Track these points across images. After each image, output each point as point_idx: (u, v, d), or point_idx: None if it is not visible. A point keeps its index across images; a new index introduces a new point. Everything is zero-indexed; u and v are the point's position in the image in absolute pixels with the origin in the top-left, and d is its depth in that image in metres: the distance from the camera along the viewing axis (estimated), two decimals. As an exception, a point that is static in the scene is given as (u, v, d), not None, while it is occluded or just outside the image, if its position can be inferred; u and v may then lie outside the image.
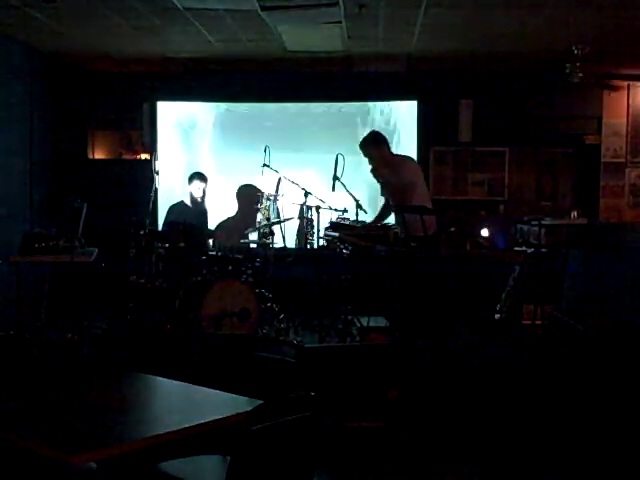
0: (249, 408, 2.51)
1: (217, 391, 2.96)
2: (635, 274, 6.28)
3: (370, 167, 6.63)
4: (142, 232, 6.60)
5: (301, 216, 7.45)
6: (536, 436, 4.56)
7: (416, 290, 6.19)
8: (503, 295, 7.15)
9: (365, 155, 6.56)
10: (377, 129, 7.16)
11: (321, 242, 7.01)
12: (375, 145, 6.52)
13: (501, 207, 8.89)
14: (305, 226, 7.36)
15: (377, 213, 6.86)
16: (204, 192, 7.63)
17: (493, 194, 8.95)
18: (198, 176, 7.61)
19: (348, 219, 6.82)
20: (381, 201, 6.94)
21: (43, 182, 8.24)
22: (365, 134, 6.74)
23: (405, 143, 8.64)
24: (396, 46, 7.62)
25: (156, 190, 6.97)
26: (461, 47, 7.56)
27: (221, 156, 8.89)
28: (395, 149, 7.19)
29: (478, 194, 8.95)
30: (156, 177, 6.88)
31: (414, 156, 8.49)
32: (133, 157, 9.06)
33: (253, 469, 2.44)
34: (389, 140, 6.72)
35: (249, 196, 7.68)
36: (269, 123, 8.84)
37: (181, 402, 3.00)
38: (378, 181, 6.70)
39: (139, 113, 8.90)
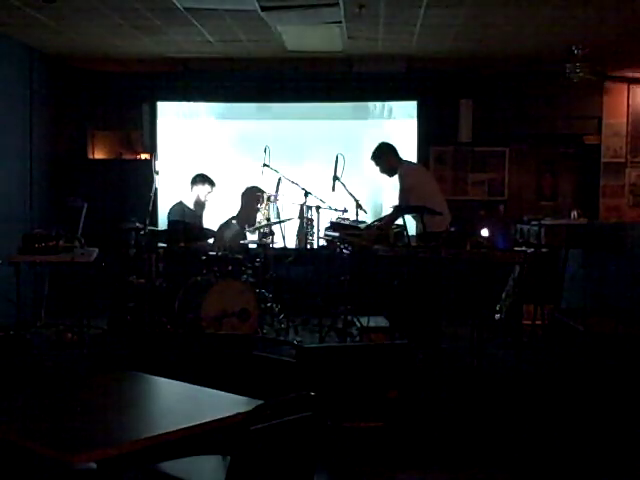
0: (249, 408, 2.51)
1: (217, 391, 2.96)
2: (635, 274, 6.28)
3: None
4: (142, 232, 6.60)
5: (301, 216, 7.45)
6: (536, 436, 4.56)
7: (416, 290, 6.19)
8: (503, 295, 7.16)
9: (376, 165, 6.78)
10: (376, 129, 7.18)
11: (321, 242, 7.02)
12: (381, 156, 6.72)
13: (501, 207, 8.89)
14: (305, 226, 7.36)
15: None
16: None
17: (493, 194, 8.95)
18: (208, 180, 7.53)
19: (348, 219, 6.83)
20: (380, 201, 6.97)
21: (43, 182, 8.24)
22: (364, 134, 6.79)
23: (405, 143, 8.63)
24: (396, 46, 7.62)
25: (156, 190, 6.97)
26: (461, 47, 7.56)
27: (220, 156, 8.89)
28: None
29: (478, 194, 8.95)
30: (156, 177, 6.87)
31: (414, 156, 8.52)
32: (133, 157, 9.05)
33: (253, 469, 2.45)
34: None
35: (253, 197, 7.67)
36: (269, 122, 8.85)
37: (181, 402, 3.00)
38: None
39: (139, 113, 8.90)
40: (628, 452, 4.36)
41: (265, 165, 7.22)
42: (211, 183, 7.51)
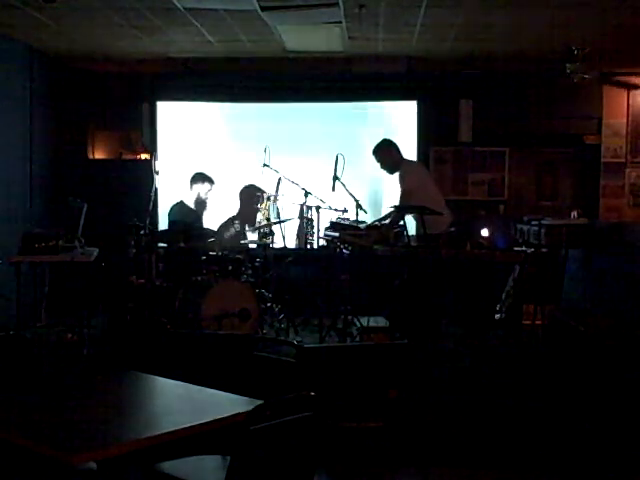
0: (249, 408, 2.51)
1: (217, 391, 2.97)
2: (635, 274, 6.29)
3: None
4: (142, 232, 6.60)
5: (301, 216, 7.45)
6: (536, 436, 4.56)
7: (416, 290, 6.20)
8: (503, 295, 7.16)
9: (377, 161, 6.77)
10: (376, 129, 7.19)
11: (321, 242, 7.02)
12: (383, 152, 6.75)
13: (501, 207, 8.89)
14: (305, 226, 7.36)
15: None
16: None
17: (493, 194, 8.95)
18: (207, 179, 7.55)
19: (348, 219, 6.84)
20: (380, 201, 6.97)
21: (43, 182, 8.24)
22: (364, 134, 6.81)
23: (405, 143, 8.63)
24: (396, 46, 7.62)
25: (156, 190, 6.97)
26: (461, 47, 7.55)
27: (221, 156, 8.89)
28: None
29: (478, 194, 8.95)
30: (156, 177, 6.87)
31: (414, 156, 8.51)
32: (133, 157, 9.05)
33: (253, 469, 2.45)
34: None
35: (251, 196, 7.68)
36: (269, 122, 8.84)
37: (181, 402, 3.00)
38: None
39: (139, 113, 8.90)
40: (628, 452, 4.36)
41: (265, 165, 7.22)
42: (210, 181, 7.54)
